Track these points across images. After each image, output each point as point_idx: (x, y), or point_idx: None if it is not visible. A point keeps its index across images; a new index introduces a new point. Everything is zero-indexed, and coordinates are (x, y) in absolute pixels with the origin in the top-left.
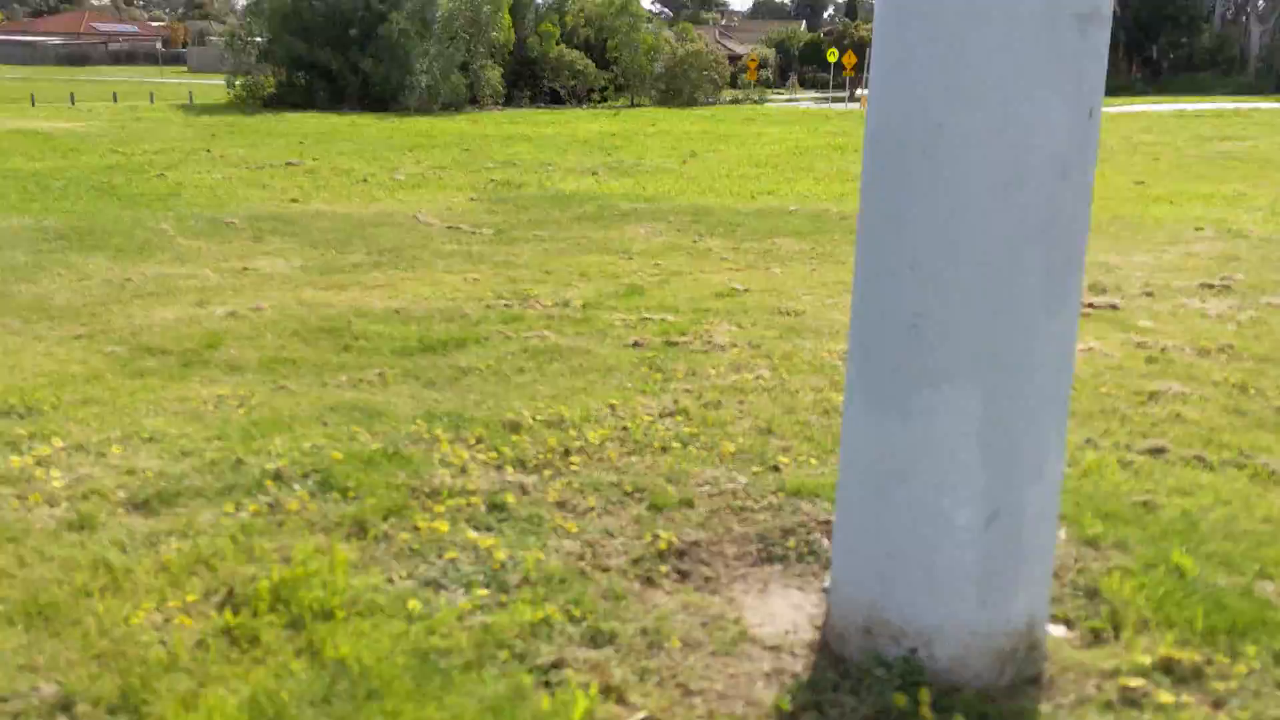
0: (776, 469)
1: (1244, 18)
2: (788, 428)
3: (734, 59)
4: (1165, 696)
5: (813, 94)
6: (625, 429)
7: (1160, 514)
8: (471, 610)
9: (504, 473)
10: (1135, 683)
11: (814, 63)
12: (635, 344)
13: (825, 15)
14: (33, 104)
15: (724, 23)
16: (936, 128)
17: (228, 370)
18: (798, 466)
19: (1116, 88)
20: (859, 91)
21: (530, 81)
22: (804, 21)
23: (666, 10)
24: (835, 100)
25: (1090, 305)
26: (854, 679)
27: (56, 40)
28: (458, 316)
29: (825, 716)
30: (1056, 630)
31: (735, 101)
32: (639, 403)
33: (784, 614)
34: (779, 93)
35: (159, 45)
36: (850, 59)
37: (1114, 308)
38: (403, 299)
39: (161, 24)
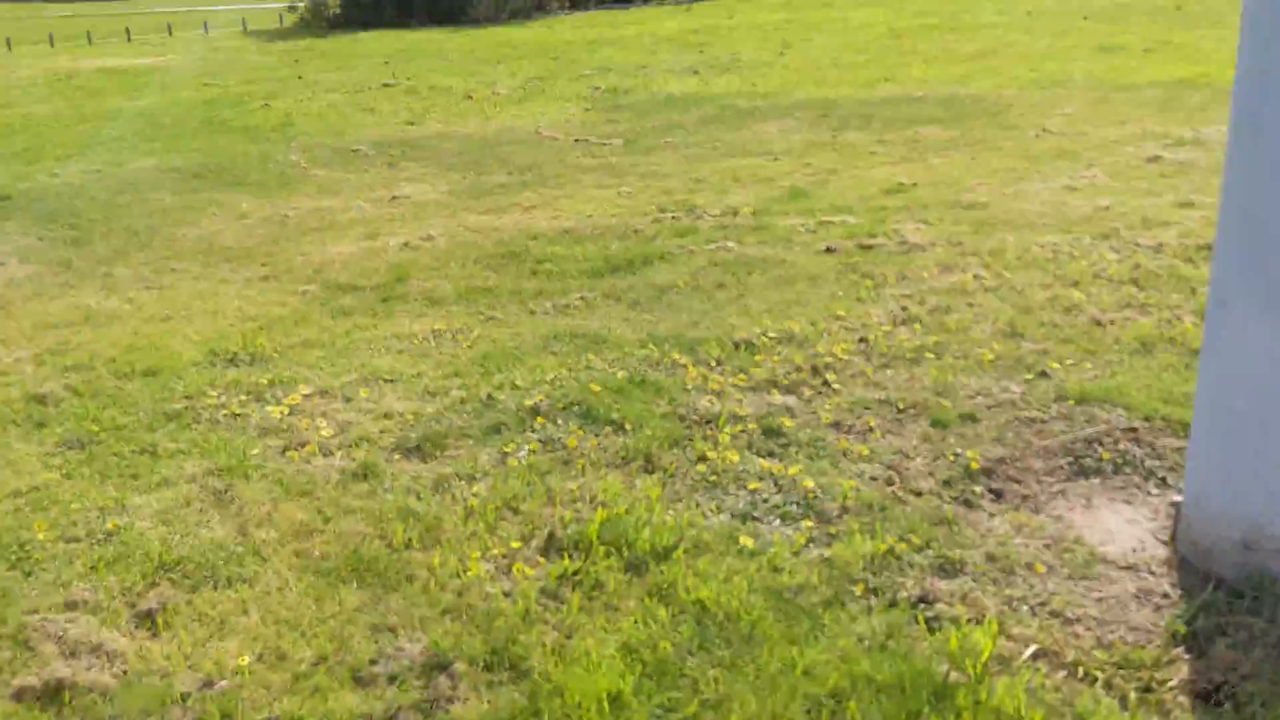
0: (1046, 375)
1: None
2: (1034, 329)
3: None
4: None
5: None
6: (864, 341)
7: None
8: (805, 544)
9: (764, 395)
10: None
11: None
12: (829, 249)
13: None
14: (90, 41)
15: None
16: None
17: (428, 303)
18: (1068, 371)
19: None
20: None
21: None
22: None
23: None
24: None
25: None
26: (1249, 598)
27: None
28: (630, 233)
29: (1235, 640)
30: None
31: None
32: (863, 312)
33: (1122, 530)
34: None
35: None
36: None
37: None
38: (567, 219)
39: None
